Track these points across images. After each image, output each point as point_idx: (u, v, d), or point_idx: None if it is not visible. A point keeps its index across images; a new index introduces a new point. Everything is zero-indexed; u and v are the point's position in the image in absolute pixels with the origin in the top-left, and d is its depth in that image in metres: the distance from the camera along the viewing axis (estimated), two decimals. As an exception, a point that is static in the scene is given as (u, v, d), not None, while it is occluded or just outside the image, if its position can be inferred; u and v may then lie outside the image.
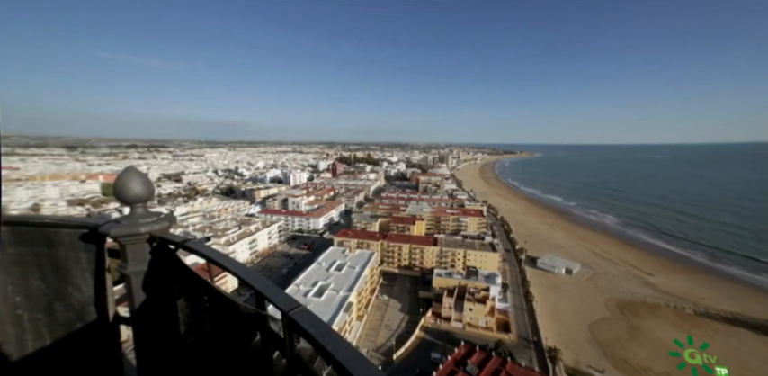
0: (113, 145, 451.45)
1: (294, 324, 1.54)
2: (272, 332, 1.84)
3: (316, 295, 51.49)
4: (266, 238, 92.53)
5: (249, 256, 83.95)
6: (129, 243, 2.30)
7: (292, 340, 1.65)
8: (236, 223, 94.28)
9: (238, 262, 2.20)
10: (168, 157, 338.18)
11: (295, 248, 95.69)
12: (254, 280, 1.88)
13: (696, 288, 70.50)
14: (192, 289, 2.37)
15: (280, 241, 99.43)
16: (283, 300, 1.67)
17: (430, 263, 76.73)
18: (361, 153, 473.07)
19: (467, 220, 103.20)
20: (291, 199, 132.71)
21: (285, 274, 75.07)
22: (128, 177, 2.25)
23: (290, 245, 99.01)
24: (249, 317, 1.91)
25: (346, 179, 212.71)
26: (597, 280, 74.87)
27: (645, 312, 60.93)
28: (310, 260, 72.42)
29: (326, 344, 1.33)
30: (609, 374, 43.91)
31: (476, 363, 39.35)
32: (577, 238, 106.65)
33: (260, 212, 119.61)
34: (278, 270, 79.46)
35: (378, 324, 56.60)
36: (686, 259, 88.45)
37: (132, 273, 2.35)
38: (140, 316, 2.44)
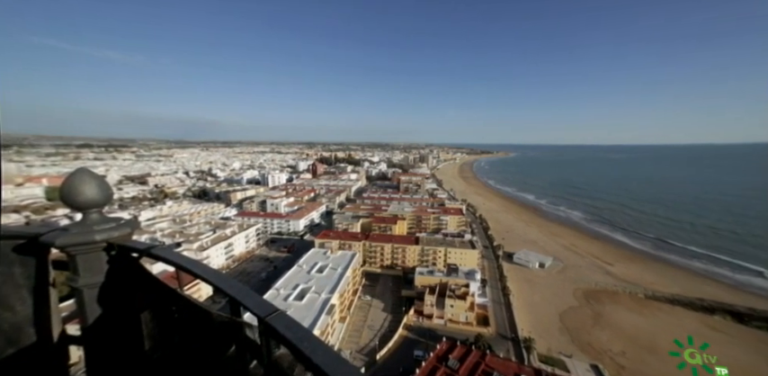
0: (61, 144, 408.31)
1: (271, 330, 1.47)
2: (248, 340, 1.75)
3: (297, 299, 50.31)
4: (243, 242, 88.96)
5: (225, 261, 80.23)
6: (81, 252, 2.07)
7: (270, 347, 1.57)
8: (211, 227, 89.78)
9: (211, 268, 2.07)
10: (131, 158, 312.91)
11: (274, 251, 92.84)
12: (228, 286, 1.78)
13: (647, 274, 78.23)
14: (158, 299, 2.20)
15: (258, 244, 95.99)
16: (259, 306, 1.60)
17: (412, 261, 77.69)
18: (341, 153, 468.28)
19: (447, 219, 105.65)
20: (270, 201, 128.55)
21: (264, 279, 72.63)
22: (79, 180, 2.02)
23: (269, 248, 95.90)
24: (223, 326, 1.82)
25: (327, 180, 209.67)
26: (567, 272, 79.81)
27: (606, 299, 66.15)
28: (291, 263, 70.62)
29: (305, 348, 1.28)
30: (576, 358, 47.08)
31: (457, 358, 40.46)
32: (549, 234, 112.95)
33: (236, 215, 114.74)
34: (256, 274, 76.70)
35: (361, 325, 56.41)
36: (637, 249, 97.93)
37: (85, 286, 2.12)
38: (94, 333, 2.21)
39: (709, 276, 77.70)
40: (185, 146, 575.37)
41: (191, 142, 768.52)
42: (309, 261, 66.67)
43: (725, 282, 74.25)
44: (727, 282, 74.17)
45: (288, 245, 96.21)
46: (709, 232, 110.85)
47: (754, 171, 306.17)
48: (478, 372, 37.73)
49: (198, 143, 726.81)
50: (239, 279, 73.58)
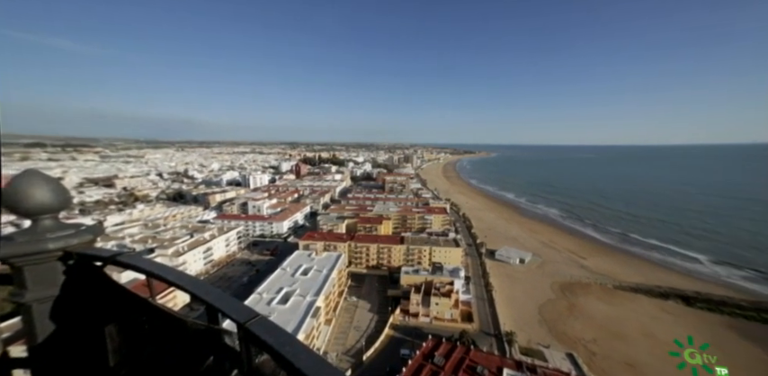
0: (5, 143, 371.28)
1: (251, 336, 1.42)
2: (227, 348, 1.69)
3: (280, 302, 49.18)
4: (223, 246, 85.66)
5: (204, 267, 76.84)
6: (30, 263, 1.87)
7: (250, 354, 1.51)
8: (188, 231, 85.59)
9: (187, 274, 1.97)
10: (94, 159, 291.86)
11: (257, 255, 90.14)
12: (205, 292, 1.71)
13: (615, 266, 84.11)
14: (126, 310, 2.06)
15: (239, 248, 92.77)
16: (239, 312, 1.55)
17: (397, 261, 78.17)
18: (326, 153, 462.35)
19: (431, 218, 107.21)
20: (252, 202, 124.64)
21: (246, 283, 70.35)
22: (27, 183, 1.82)
23: (251, 251, 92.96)
24: (200, 334, 1.73)
25: (311, 180, 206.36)
26: (545, 266, 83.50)
27: (579, 290, 70.11)
28: (274, 266, 68.86)
29: (286, 353, 1.25)
30: (553, 348, 49.52)
31: (442, 355, 41.23)
32: (529, 230, 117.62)
33: (215, 218, 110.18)
34: (238, 279, 74.12)
35: (347, 326, 56.06)
36: (606, 243, 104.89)
37: (34, 301, 1.91)
38: (45, 353, 1.98)
39: (664, 265, 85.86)
40: (158, 146, 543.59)
41: (164, 142, 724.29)
42: (293, 263, 65.37)
43: (676, 270, 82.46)
44: (678, 270, 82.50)
45: (271, 247, 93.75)
46: (662, 225, 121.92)
47: (709, 170, 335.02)
48: (463, 368, 38.64)
49: (172, 143, 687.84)
50: (219, 284, 70.74)
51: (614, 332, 54.63)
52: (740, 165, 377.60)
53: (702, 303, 63.85)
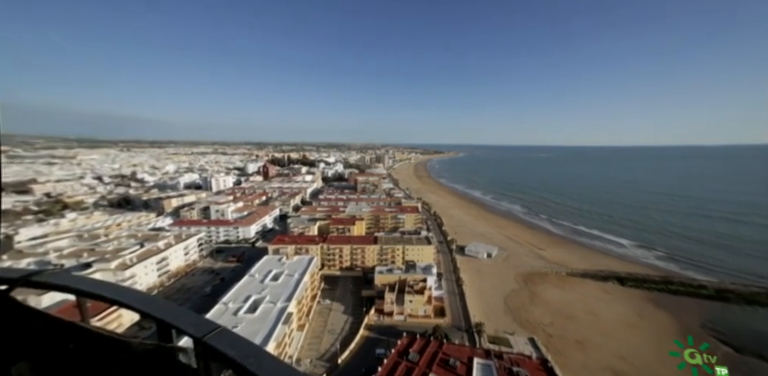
0: None
1: (211, 350, 1.33)
2: (182, 367, 1.54)
3: (249, 311, 46.54)
4: (182, 255, 78.73)
5: (158, 279, 69.85)
6: None
7: (210, 371, 1.40)
8: (137, 241, 77.35)
9: (131, 289, 1.80)
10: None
11: (221, 262, 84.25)
12: (154, 307, 1.58)
13: (567, 255, 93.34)
14: (44, 340, 1.77)
15: (201, 256, 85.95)
16: (196, 325, 1.45)
17: (371, 261, 78.25)
18: (295, 154, 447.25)
19: (404, 217, 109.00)
20: (215, 206, 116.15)
21: (209, 294, 65.42)
22: None
23: (214, 259, 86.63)
24: (147, 355, 1.56)
25: (280, 182, 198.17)
26: (510, 259, 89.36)
27: (539, 279, 76.44)
28: (241, 273, 64.94)
29: (250, 365, 1.18)
30: (517, 334, 53.43)
31: (417, 351, 42.17)
32: (495, 226, 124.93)
33: (172, 225, 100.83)
34: (199, 289, 68.57)
35: (321, 330, 54.82)
36: (559, 235, 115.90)
37: None
38: None
39: (603, 252, 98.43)
40: (95, 145, 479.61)
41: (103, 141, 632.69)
42: (262, 269, 62.30)
43: (612, 255, 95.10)
44: (613, 255, 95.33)
45: (237, 253, 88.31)
46: (600, 217, 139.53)
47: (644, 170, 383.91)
48: (437, 361, 39.90)
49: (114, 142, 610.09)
50: (176, 297, 64.96)
51: (567, 314, 60.55)
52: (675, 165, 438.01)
53: (632, 282, 75.11)
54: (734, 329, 56.21)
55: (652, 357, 48.56)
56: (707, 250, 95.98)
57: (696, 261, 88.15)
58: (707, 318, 59.87)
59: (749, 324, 58.18)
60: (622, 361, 48.11)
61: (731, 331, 55.65)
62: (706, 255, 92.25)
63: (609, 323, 58.26)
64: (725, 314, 61.60)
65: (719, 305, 65.06)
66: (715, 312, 62.20)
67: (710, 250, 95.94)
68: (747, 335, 54.54)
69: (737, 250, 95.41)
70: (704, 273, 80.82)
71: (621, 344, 51.83)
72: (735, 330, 55.98)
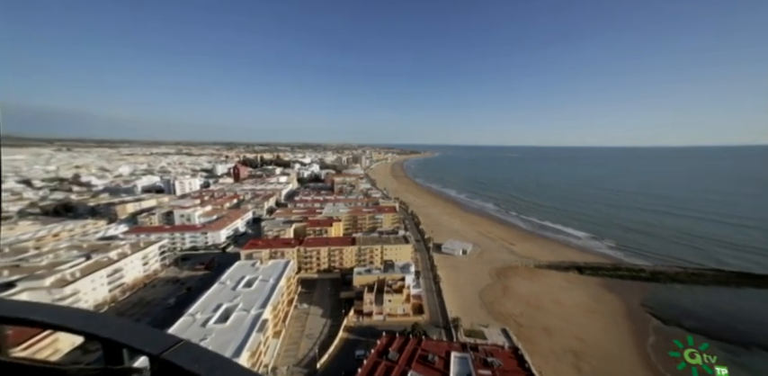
0: None
1: (170, 367, 1.20)
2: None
3: (219, 321, 43.99)
4: (140, 265, 72.25)
5: (109, 294, 63.12)
6: None
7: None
8: (81, 252, 69.03)
9: (67, 308, 1.59)
10: None
11: (188, 271, 78.66)
12: (98, 326, 1.39)
13: (535, 248, 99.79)
14: None
15: (164, 265, 79.55)
16: (152, 342, 1.32)
17: (350, 262, 77.62)
18: (269, 154, 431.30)
19: (382, 217, 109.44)
20: (179, 211, 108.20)
21: (173, 305, 60.74)
22: None
23: (179, 267, 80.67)
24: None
25: (253, 184, 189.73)
26: (484, 255, 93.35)
27: (510, 273, 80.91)
28: (210, 281, 61.16)
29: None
30: (491, 326, 56.09)
31: (396, 349, 42.60)
32: (469, 223, 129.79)
33: (127, 233, 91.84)
34: (161, 301, 63.32)
35: (298, 336, 53.34)
36: (528, 230, 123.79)
37: None
38: None
39: (566, 244, 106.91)
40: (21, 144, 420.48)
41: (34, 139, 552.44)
42: (234, 275, 59.24)
43: (572, 247, 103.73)
44: (573, 246, 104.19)
45: (206, 260, 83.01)
46: (560, 213, 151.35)
47: (603, 168, 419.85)
48: (416, 358, 40.62)
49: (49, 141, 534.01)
50: (132, 312, 59.40)
51: (535, 304, 64.79)
52: (631, 165, 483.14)
53: (589, 270, 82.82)
54: (662, 304, 65.84)
55: (604, 336, 54.53)
56: (645, 239, 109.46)
57: (637, 249, 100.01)
58: (644, 297, 68.77)
59: (672, 299, 68.64)
60: (581, 342, 52.83)
61: (660, 306, 65.21)
62: (644, 243, 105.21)
63: (570, 309, 63.26)
64: (656, 292, 71.43)
65: (653, 285, 75.02)
66: (650, 291, 71.60)
67: (648, 239, 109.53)
68: (670, 308, 64.58)
69: (666, 238, 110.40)
70: (643, 258, 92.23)
71: (580, 328, 56.83)
72: (662, 305, 65.64)
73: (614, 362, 48.52)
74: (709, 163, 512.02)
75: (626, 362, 48.88)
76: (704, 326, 57.17)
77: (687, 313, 62.46)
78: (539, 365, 43.39)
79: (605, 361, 48.51)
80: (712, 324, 58.37)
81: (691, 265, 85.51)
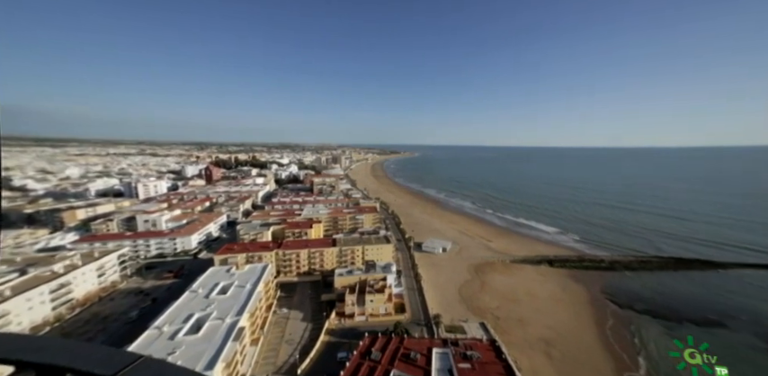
0: None
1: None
2: None
3: (191, 332, 41.37)
4: (94, 277, 65.78)
5: (52, 312, 56.16)
6: None
7: None
8: (14, 267, 61.26)
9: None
10: None
11: (153, 280, 73.17)
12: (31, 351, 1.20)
13: (510, 244, 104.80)
14: None
15: (124, 276, 73.26)
16: (103, 362, 1.16)
17: (330, 264, 76.55)
18: (244, 155, 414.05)
19: (362, 218, 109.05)
20: (143, 216, 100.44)
21: (136, 319, 56.25)
22: None
23: (143, 277, 74.79)
24: None
25: (227, 186, 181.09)
26: (462, 252, 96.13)
27: (487, 268, 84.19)
28: (180, 290, 57.39)
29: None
30: (470, 321, 57.98)
31: (379, 349, 42.65)
32: (448, 222, 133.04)
33: (78, 242, 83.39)
34: (121, 316, 57.96)
35: (277, 342, 51.66)
36: (503, 227, 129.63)
37: None
38: None
39: (538, 239, 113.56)
40: None
41: None
42: (207, 282, 56.06)
43: (542, 241, 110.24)
44: (543, 241, 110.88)
45: (174, 268, 77.91)
46: (531, 209, 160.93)
47: (576, 167, 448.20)
48: (398, 357, 40.92)
49: None
50: (83, 330, 53.51)
51: (510, 297, 67.96)
52: (599, 164, 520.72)
53: (558, 263, 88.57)
54: (617, 290, 72.77)
55: (571, 323, 58.63)
56: (604, 232, 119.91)
57: (598, 241, 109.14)
58: (604, 285, 75.28)
59: (625, 285, 76.19)
60: (551, 330, 56.38)
61: (616, 292, 71.98)
62: (603, 236, 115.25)
63: (542, 300, 67.07)
64: (613, 280, 78.69)
65: (610, 274, 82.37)
66: (608, 279, 78.66)
67: (606, 232, 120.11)
68: (624, 293, 71.63)
69: (621, 231, 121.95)
70: (603, 250, 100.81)
71: (551, 317, 60.61)
72: (618, 291, 72.55)
73: (580, 345, 52.46)
74: (665, 162, 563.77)
75: (589, 344, 53.08)
76: (649, 307, 64.71)
77: (637, 297, 69.60)
78: (514, 355, 45.58)
79: (572, 345, 52.25)
80: (655, 304, 66.14)
81: (639, 254, 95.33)
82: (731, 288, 73.46)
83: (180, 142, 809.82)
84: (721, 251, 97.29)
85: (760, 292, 70.80)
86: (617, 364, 48.35)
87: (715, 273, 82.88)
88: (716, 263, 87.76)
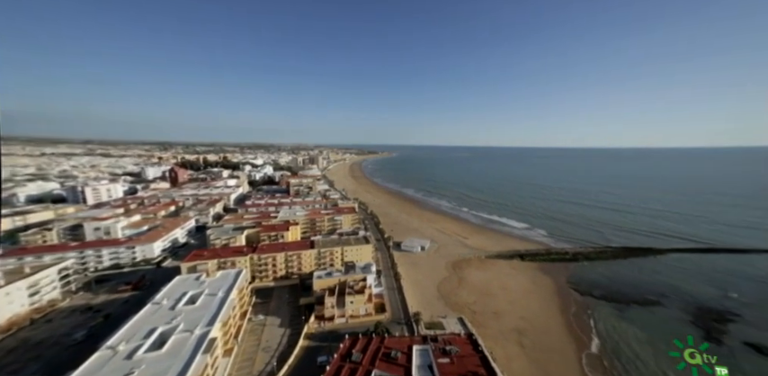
0: None
1: None
2: None
3: (153, 348, 37.98)
4: (23, 296, 57.46)
5: None
6: None
7: None
8: None
9: None
10: None
11: (106, 294, 65.96)
12: None
13: (485, 241, 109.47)
14: None
15: (67, 292, 65.47)
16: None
17: (309, 267, 74.77)
18: (213, 156, 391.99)
19: (341, 218, 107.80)
20: (93, 224, 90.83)
21: (82, 340, 49.90)
22: None
23: (93, 292, 67.20)
24: None
25: (195, 188, 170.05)
26: (440, 250, 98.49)
27: (464, 265, 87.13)
28: (140, 303, 52.63)
29: None
30: (450, 316, 59.63)
31: (360, 350, 42.36)
32: (427, 221, 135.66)
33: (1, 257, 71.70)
34: (61, 339, 50.74)
35: (253, 350, 49.41)
36: (479, 224, 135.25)
37: None
38: None
39: (510, 234, 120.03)
40: None
41: None
42: (173, 292, 52.04)
43: (515, 237, 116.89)
44: (515, 236, 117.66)
45: (134, 279, 71.50)
46: (502, 207, 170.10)
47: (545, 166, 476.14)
48: (380, 356, 40.94)
49: None
50: (5, 363, 45.15)
51: (485, 292, 70.94)
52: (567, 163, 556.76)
53: (528, 257, 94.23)
54: (579, 280, 79.41)
55: (541, 313, 62.61)
56: (567, 227, 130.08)
57: (562, 235, 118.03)
58: (568, 276, 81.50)
59: (585, 274, 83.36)
60: (523, 320, 59.83)
61: (578, 281, 78.48)
62: (567, 230, 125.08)
63: (515, 293, 70.73)
64: (576, 270, 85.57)
65: (573, 265, 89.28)
66: (571, 270, 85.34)
67: (569, 227, 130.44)
68: (584, 281, 78.47)
69: (580, 225, 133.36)
70: (567, 243, 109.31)
71: (522, 308, 64.31)
72: (580, 280, 79.17)
73: (548, 332, 56.32)
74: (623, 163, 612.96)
75: (556, 331, 57.20)
76: (604, 293, 71.98)
77: (594, 284, 76.70)
78: (490, 347, 47.60)
79: (542, 333, 55.90)
80: (608, 290, 73.59)
81: (596, 245, 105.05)
82: (664, 271, 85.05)
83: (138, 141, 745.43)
84: (657, 239, 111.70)
85: (683, 274, 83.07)
86: (578, 345, 53.20)
87: (653, 258, 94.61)
88: (654, 249, 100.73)
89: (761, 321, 59.69)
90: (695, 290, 72.82)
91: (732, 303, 66.97)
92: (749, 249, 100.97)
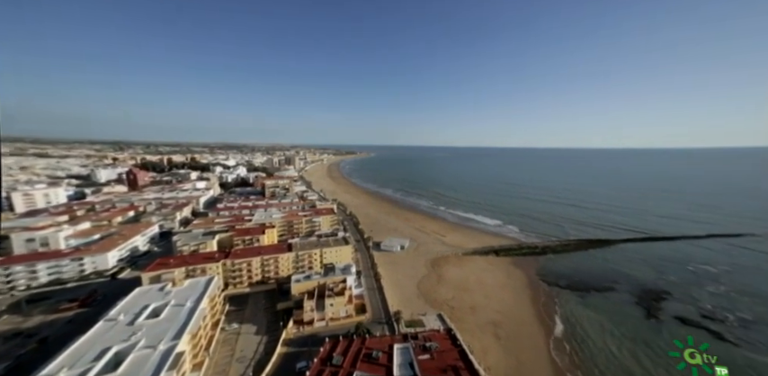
0: None
1: None
2: None
3: (105, 371, 33.78)
4: None
5: None
6: None
7: None
8: None
9: None
10: None
11: (42, 315, 57.88)
12: None
13: (462, 238, 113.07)
14: None
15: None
16: None
17: (286, 270, 72.35)
18: (180, 156, 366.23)
19: (320, 220, 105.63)
20: (24, 234, 79.66)
21: (5, 373, 42.97)
22: None
23: (23, 314, 58.52)
24: None
25: (158, 192, 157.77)
26: (419, 249, 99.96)
27: (443, 262, 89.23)
28: (89, 321, 46.70)
29: None
30: (429, 313, 60.75)
31: (341, 353, 41.70)
32: (405, 220, 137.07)
33: None
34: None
35: (226, 362, 46.76)
36: (455, 222, 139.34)
37: None
38: None
39: (485, 231, 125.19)
40: None
41: None
42: (132, 306, 47.40)
43: (490, 233, 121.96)
44: (491, 233, 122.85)
45: (82, 295, 63.83)
46: (475, 206, 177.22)
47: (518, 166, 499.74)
48: (361, 357, 40.60)
49: None
50: None
51: (463, 287, 73.19)
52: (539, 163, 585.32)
53: (503, 252, 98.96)
54: (547, 272, 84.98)
55: (514, 305, 65.97)
56: (536, 223, 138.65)
57: (532, 231, 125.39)
58: (538, 268, 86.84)
59: (552, 266, 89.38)
60: (499, 313, 62.68)
61: (546, 273, 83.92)
62: (535, 226, 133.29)
63: (490, 287, 73.70)
64: (544, 263, 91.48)
65: (543, 258, 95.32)
66: (540, 263, 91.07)
67: (537, 222, 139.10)
68: (551, 273, 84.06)
69: (546, 220, 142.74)
70: (536, 237, 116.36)
71: (497, 301, 67.35)
72: (548, 272, 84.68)
73: (521, 323, 59.56)
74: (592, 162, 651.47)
75: (528, 321, 60.67)
76: (568, 283, 77.95)
77: (560, 275, 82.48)
78: (468, 340, 49.11)
79: (515, 324, 58.99)
80: (571, 279, 79.72)
81: (561, 239, 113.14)
82: (615, 259, 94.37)
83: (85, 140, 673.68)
84: (609, 232, 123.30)
85: (630, 262, 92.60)
86: (546, 332, 57.19)
87: (607, 248, 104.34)
88: (607, 240, 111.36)
89: (685, 297, 70.87)
90: (639, 276, 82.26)
91: (665, 284, 77.51)
92: (677, 236, 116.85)
